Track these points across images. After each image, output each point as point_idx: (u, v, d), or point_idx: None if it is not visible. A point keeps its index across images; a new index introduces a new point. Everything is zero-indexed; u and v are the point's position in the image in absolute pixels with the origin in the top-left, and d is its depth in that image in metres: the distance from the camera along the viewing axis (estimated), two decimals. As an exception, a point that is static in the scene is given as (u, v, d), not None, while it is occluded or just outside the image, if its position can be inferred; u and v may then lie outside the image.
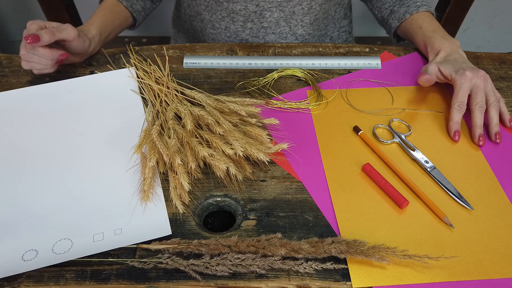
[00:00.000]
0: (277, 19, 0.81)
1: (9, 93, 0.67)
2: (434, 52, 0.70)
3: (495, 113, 0.61)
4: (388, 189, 0.54)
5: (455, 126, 0.61)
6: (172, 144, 0.55)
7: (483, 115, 0.61)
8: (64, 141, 0.61)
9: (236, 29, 0.83)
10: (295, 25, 0.82)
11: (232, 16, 0.81)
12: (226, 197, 0.55)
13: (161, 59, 0.73)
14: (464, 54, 0.68)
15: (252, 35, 0.83)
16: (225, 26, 0.83)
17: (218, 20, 0.82)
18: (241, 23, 0.81)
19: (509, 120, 0.62)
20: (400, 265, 0.47)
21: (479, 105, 0.60)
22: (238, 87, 0.69)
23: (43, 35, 0.61)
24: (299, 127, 0.63)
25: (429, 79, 0.65)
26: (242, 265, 0.46)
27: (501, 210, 0.53)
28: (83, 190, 0.55)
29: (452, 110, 0.61)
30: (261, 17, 0.80)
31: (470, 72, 0.61)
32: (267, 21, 0.81)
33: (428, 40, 0.72)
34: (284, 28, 0.82)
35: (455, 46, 0.69)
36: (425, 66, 0.68)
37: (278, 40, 0.84)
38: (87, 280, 0.46)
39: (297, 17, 0.81)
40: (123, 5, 0.80)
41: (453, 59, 0.66)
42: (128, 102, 0.66)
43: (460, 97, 0.61)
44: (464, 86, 0.61)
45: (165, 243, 0.48)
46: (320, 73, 0.72)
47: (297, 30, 0.83)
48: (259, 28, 0.82)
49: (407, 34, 0.78)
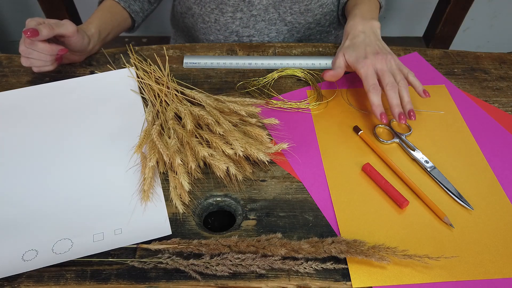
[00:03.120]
0: (266, 6, 0.80)
1: (9, 93, 0.67)
2: (345, 35, 0.69)
3: (404, 91, 0.60)
4: (388, 189, 0.54)
5: (378, 109, 0.59)
6: (172, 144, 0.55)
7: (397, 94, 0.59)
8: (64, 141, 0.61)
9: (226, 21, 0.83)
10: (284, 12, 0.82)
11: (221, 8, 0.81)
12: (226, 197, 0.55)
13: (161, 59, 0.73)
14: (373, 35, 0.67)
15: (242, 25, 0.83)
16: (214, 19, 0.83)
17: (207, 13, 0.83)
18: (231, 14, 0.81)
19: (423, 91, 0.61)
20: (400, 265, 0.47)
21: (389, 85, 0.60)
22: (238, 87, 0.69)
23: (42, 29, 0.61)
24: (299, 127, 0.63)
25: (334, 75, 0.64)
26: (242, 265, 0.46)
27: (501, 210, 0.53)
28: (83, 190, 0.55)
29: (369, 95, 0.60)
30: (250, 5, 0.80)
31: (371, 58, 0.61)
32: (256, 9, 0.81)
33: (348, 21, 0.72)
34: (273, 14, 0.82)
35: (367, 27, 0.67)
36: (334, 57, 0.67)
37: (268, 27, 0.84)
38: (87, 280, 0.46)
39: (285, 4, 0.81)
40: (121, 6, 0.80)
41: (358, 43, 0.65)
42: (128, 102, 0.66)
43: (370, 81, 0.60)
44: (369, 74, 0.61)
45: (165, 243, 0.48)
46: (320, 73, 0.72)
47: (286, 16, 0.83)
48: (248, 17, 0.82)
49: (346, 14, 0.79)
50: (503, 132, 0.62)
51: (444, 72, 0.72)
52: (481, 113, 0.65)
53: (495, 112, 0.65)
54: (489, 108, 0.66)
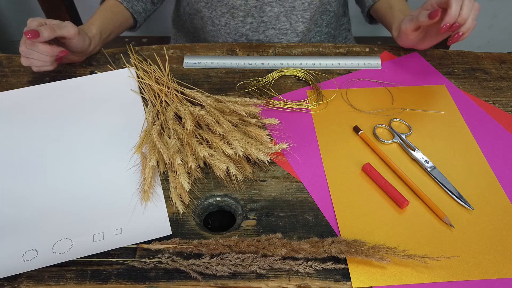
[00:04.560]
0: (277, 14, 0.81)
1: (9, 93, 0.67)
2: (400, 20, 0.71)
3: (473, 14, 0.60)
4: (388, 189, 0.54)
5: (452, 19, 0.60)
6: (172, 144, 0.55)
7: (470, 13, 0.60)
8: (64, 141, 0.61)
9: (236, 25, 0.83)
10: (296, 21, 0.82)
11: (232, 12, 0.81)
12: (226, 197, 0.55)
13: (161, 59, 0.73)
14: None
15: (252, 29, 0.83)
16: (225, 22, 0.83)
17: (218, 16, 0.83)
18: (242, 18, 0.81)
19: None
20: (400, 265, 0.47)
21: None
22: (238, 87, 0.69)
23: (43, 31, 0.61)
24: (299, 127, 0.63)
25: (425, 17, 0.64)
26: (242, 265, 0.46)
27: (501, 210, 0.53)
28: (83, 190, 0.55)
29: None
30: (261, 11, 0.80)
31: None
32: (267, 16, 0.81)
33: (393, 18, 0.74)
34: (285, 23, 0.82)
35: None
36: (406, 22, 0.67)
37: (278, 35, 0.84)
38: (87, 280, 0.46)
39: (297, 13, 0.81)
40: (124, 6, 0.80)
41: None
42: (128, 102, 0.66)
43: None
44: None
45: (165, 243, 0.48)
46: (320, 73, 0.72)
47: (298, 26, 0.83)
48: (259, 23, 0.82)
49: (378, 14, 0.80)
50: (503, 132, 0.62)
51: (444, 72, 0.72)
52: (481, 113, 0.65)
53: (495, 112, 0.65)
54: (489, 108, 0.66)
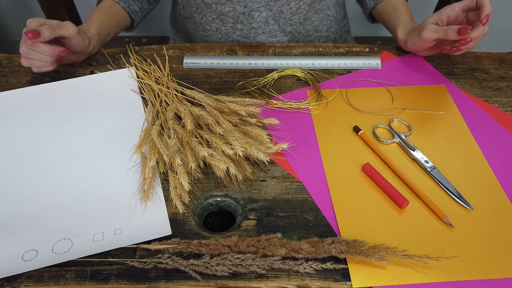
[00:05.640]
0: (266, 18, 0.81)
1: (9, 93, 0.67)
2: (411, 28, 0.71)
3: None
4: (388, 189, 0.54)
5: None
6: (172, 144, 0.55)
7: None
8: (64, 141, 0.61)
9: (227, 31, 0.83)
10: (284, 23, 0.83)
11: (221, 18, 0.81)
12: (226, 197, 0.55)
13: (161, 59, 0.73)
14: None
15: (242, 36, 0.84)
16: (215, 28, 0.83)
17: (208, 22, 0.83)
18: (231, 25, 0.82)
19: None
20: (400, 265, 0.47)
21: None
22: (238, 87, 0.69)
23: (44, 31, 0.61)
24: (299, 127, 0.63)
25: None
26: (242, 265, 0.46)
27: (501, 210, 0.53)
28: (83, 190, 0.55)
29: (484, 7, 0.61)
30: (250, 17, 0.81)
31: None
32: (256, 21, 0.81)
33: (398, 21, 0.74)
34: (273, 26, 0.83)
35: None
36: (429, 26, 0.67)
37: (268, 39, 0.84)
38: (87, 280, 0.46)
39: (285, 16, 0.81)
40: (121, 6, 0.80)
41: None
42: (128, 102, 0.66)
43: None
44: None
45: (165, 243, 0.48)
46: (320, 73, 0.72)
47: (286, 27, 0.83)
48: (249, 29, 0.82)
49: (381, 15, 0.80)
50: (503, 132, 0.62)
51: (444, 72, 0.72)
52: (481, 113, 0.65)
53: (495, 112, 0.65)
54: (489, 108, 0.66)
